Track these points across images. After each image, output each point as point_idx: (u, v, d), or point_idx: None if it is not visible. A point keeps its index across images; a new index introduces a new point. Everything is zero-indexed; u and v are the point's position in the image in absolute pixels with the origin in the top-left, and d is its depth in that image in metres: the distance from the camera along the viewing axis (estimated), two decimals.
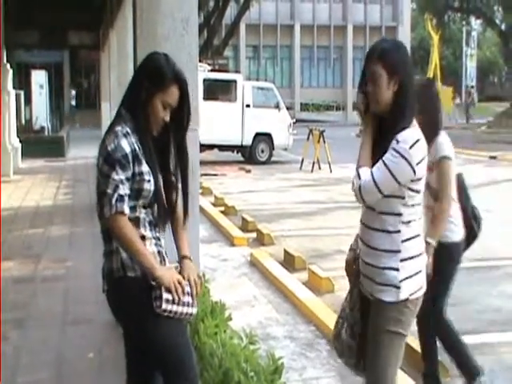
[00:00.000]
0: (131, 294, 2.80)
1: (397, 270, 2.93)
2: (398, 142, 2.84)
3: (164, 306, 2.73)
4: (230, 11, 35.24)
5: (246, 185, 14.71)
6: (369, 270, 3.02)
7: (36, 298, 6.08)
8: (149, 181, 2.80)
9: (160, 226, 2.92)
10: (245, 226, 9.69)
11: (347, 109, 42.87)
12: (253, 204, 12.23)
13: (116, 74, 11.11)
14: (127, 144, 2.75)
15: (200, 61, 20.82)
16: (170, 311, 2.76)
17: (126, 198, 2.74)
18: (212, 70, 20.72)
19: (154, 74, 2.81)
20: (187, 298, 2.81)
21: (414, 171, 2.85)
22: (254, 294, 6.48)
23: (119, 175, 2.73)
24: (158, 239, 2.90)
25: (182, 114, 2.90)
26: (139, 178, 2.78)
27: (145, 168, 2.79)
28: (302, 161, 17.80)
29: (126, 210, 2.73)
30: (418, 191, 2.93)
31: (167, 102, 2.81)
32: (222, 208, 11.30)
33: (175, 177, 2.95)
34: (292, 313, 5.88)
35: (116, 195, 2.72)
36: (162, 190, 2.91)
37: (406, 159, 2.82)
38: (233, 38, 37.49)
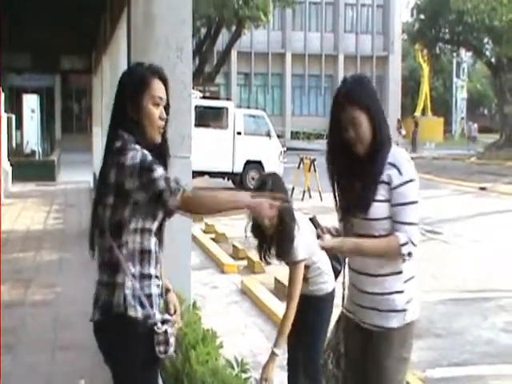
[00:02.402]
0: (128, 334, 2.68)
1: (402, 292, 2.91)
2: (400, 173, 2.86)
3: (170, 351, 2.66)
4: (222, 39, 35.55)
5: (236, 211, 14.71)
6: (369, 300, 2.95)
7: (26, 323, 6.04)
8: (159, 173, 2.61)
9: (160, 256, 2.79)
10: (235, 254, 9.68)
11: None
12: (244, 231, 12.21)
13: (108, 99, 11.14)
14: (145, 152, 2.62)
15: (192, 88, 20.98)
16: (169, 354, 2.70)
17: (178, 181, 2.60)
18: (203, 97, 20.82)
19: (133, 80, 2.70)
20: (172, 340, 2.69)
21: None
22: (244, 322, 6.47)
23: (160, 171, 2.58)
24: (159, 278, 2.77)
25: (166, 109, 2.76)
26: (146, 178, 2.60)
27: (159, 168, 2.63)
28: (293, 189, 17.82)
29: (185, 188, 2.60)
30: None
31: (157, 96, 2.69)
32: (213, 235, 11.29)
33: None
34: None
35: (171, 183, 2.56)
36: None
37: (413, 180, 2.88)
38: (224, 66, 37.78)
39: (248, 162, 19.53)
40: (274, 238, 3.77)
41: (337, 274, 4.04)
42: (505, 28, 30.41)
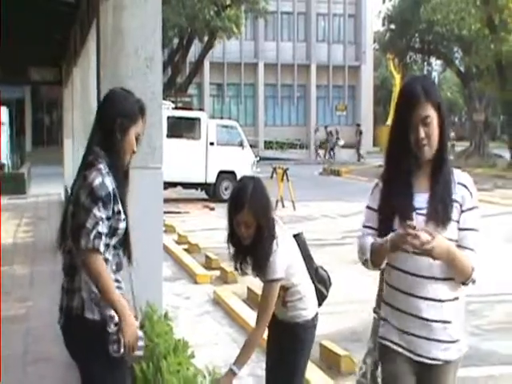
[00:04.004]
0: (86, 335, 2.85)
1: (457, 320, 2.78)
2: (472, 196, 2.74)
3: (122, 350, 2.80)
4: (194, 49, 35.61)
5: (209, 222, 14.69)
6: (429, 329, 2.71)
7: None
8: (124, 219, 2.88)
9: (126, 265, 2.99)
10: (208, 264, 9.68)
11: (310, 147, 43.26)
12: (216, 242, 12.18)
13: (79, 112, 11.10)
14: (110, 182, 2.83)
15: (164, 98, 20.92)
16: (124, 355, 2.83)
17: (103, 238, 2.78)
18: (176, 108, 20.82)
19: (127, 110, 2.94)
20: (140, 342, 2.88)
21: None
22: (217, 331, 6.47)
23: (101, 213, 2.78)
24: (119, 282, 2.96)
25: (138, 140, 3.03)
26: (117, 216, 2.86)
27: (120, 206, 2.86)
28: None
29: (102, 249, 2.77)
30: None
31: (139, 133, 2.99)
32: (186, 246, 11.28)
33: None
34: (255, 351, 5.86)
35: (95, 232, 2.75)
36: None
37: (478, 207, 2.78)
38: (197, 76, 37.79)
39: (221, 173, 19.54)
40: (250, 249, 3.51)
41: (322, 299, 3.82)
42: (473, 37, 30.86)
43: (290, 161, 34.45)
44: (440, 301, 2.70)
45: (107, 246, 2.85)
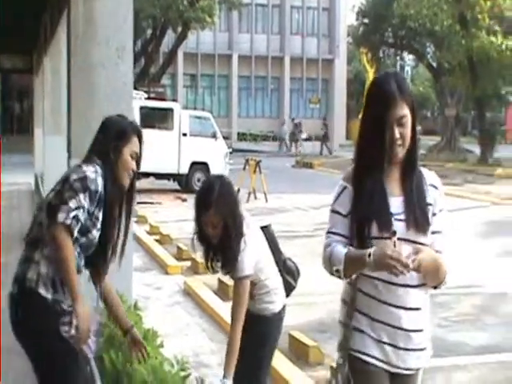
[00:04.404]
0: (37, 311, 2.87)
1: (427, 326, 2.71)
2: (435, 187, 2.68)
3: (73, 332, 2.83)
4: (168, 40, 35.43)
5: (181, 213, 14.68)
6: (407, 339, 2.62)
7: None
8: (98, 230, 2.95)
9: (98, 278, 3.12)
10: (179, 255, 9.69)
11: (294, 139, 43.34)
12: (188, 233, 12.17)
13: (50, 101, 11.00)
14: (100, 185, 2.92)
15: (137, 88, 20.80)
16: (75, 339, 2.85)
17: (79, 226, 2.81)
18: (149, 98, 20.71)
19: (119, 133, 3.10)
20: (91, 343, 2.96)
21: None
22: (187, 322, 6.49)
23: (85, 202, 2.86)
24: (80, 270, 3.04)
25: (138, 161, 3.16)
26: (94, 220, 2.94)
27: (101, 216, 2.95)
28: (238, 190, 17.82)
29: (75, 234, 2.80)
30: None
31: (134, 151, 3.10)
32: (157, 236, 11.26)
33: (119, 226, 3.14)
34: (225, 341, 5.89)
35: (75, 213, 2.81)
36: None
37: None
38: (170, 67, 37.64)
39: (194, 164, 19.51)
40: (219, 248, 3.54)
41: (290, 290, 3.86)
42: (445, 33, 31.12)
43: (263, 153, 34.50)
44: (417, 309, 2.62)
45: (76, 239, 2.87)
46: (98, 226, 2.96)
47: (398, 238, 2.45)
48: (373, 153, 2.56)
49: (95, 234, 2.95)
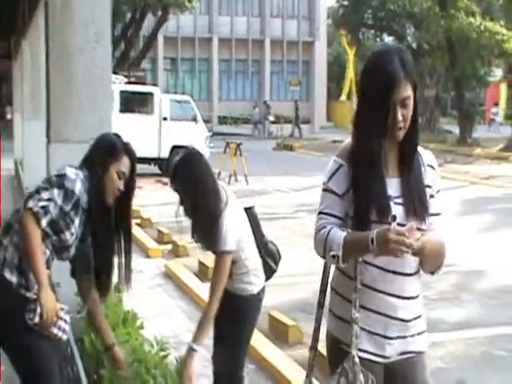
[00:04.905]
0: (1, 291, 2.94)
1: (423, 311, 2.62)
2: (433, 167, 2.59)
3: (37, 320, 2.86)
4: (148, 24, 35.18)
5: (162, 197, 14.72)
6: (403, 328, 2.52)
7: None
8: (72, 234, 3.00)
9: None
10: (160, 238, 9.74)
11: (264, 122, 43.33)
12: (169, 216, 12.23)
13: (29, 86, 10.96)
14: (79, 189, 2.98)
15: (116, 73, 20.71)
16: (40, 326, 2.88)
17: (48, 217, 2.87)
18: (129, 83, 20.63)
19: (109, 148, 3.15)
20: (63, 324, 2.97)
21: None
22: (168, 304, 6.56)
23: (59, 197, 2.93)
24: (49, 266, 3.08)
25: (131, 184, 3.24)
26: (68, 222, 2.98)
27: (77, 222, 2.99)
28: (219, 173, 17.93)
29: (43, 224, 2.85)
30: None
31: (121, 171, 3.13)
32: (138, 220, 11.29)
33: (112, 250, 3.19)
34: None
35: (45, 203, 2.88)
36: (92, 257, 3.13)
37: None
38: (151, 51, 37.40)
39: (174, 148, 19.49)
40: (194, 221, 3.58)
41: (271, 273, 3.88)
42: (424, 14, 31.19)
43: (244, 136, 34.50)
44: (413, 298, 2.52)
45: (47, 235, 2.95)
46: (73, 230, 2.99)
47: (398, 224, 2.30)
48: (372, 134, 2.40)
49: (68, 237, 2.99)
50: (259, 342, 5.32)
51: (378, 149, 2.40)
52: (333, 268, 2.55)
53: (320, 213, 2.51)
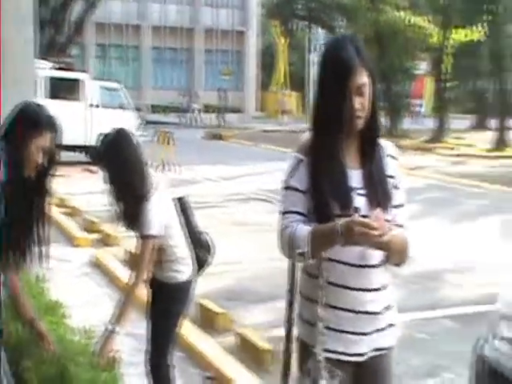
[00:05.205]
0: None
1: (394, 301, 2.59)
2: (395, 158, 2.55)
3: None
4: (77, 9, 34.46)
5: (90, 186, 14.47)
6: (372, 322, 2.46)
7: None
8: None
9: None
10: (89, 227, 9.61)
11: (190, 110, 43.15)
12: (97, 205, 12.08)
13: None
14: None
15: (45, 58, 20.23)
16: None
17: None
18: (58, 69, 20.19)
19: (30, 121, 2.98)
20: None
21: None
22: (95, 293, 6.50)
23: None
24: None
25: (52, 158, 3.04)
26: None
27: None
28: (149, 163, 17.78)
29: None
30: None
31: (43, 145, 2.96)
32: (66, 209, 11.11)
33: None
34: (134, 310, 5.95)
35: None
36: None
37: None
38: (80, 37, 36.66)
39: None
40: (118, 200, 3.58)
41: (203, 264, 3.88)
42: (353, 7, 31.63)
43: (175, 125, 34.28)
44: (380, 289, 2.47)
45: None
46: None
47: (361, 216, 2.27)
48: (330, 124, 2.35)
49: None
50: (188, 329, 5.33)
51: (337, 140, 2.36)
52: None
53: (284, 212, 2.45)
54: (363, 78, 2.34)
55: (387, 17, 27.79)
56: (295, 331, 2.46)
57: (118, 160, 3.51)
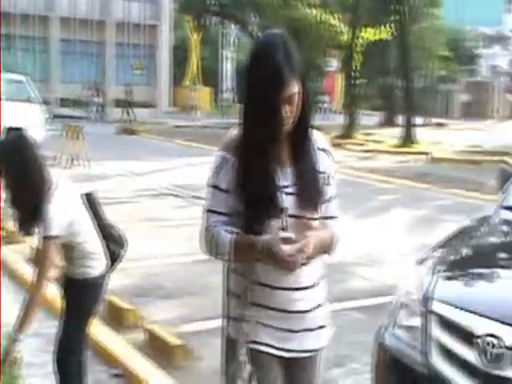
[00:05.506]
0: None
1: (326, 299, 2.57)
2: (326, 151, 2.50)
3: None
4: None
5: None
6: (302, 320, 2.46)
7: None
8: None
9: None
10: None
11: (107, 105, 42.42)
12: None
13: None
14: None
15: None
16: None
17: None
18: None
19: None
20: None
21: None
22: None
23: None
24: None
25: None
26: None
27: None
28: (60, 157, 17.40)
29: None
30: None
31: None
32: None
33: None
34: (40, 310, 5.80)
35: None
36: None
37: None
38: None
39: (8, 130, 18.58)
40: (13, 203, 3.50)
41: (116, 259, 3.86)
42: (266, 3, 31.81)
43: (85, 119, 33.62)
44: (311, 287, 2.45)
45: None
46: None
47: (290, 215, 2.29)
48: (258, 130, 2.29)
49: None
50: (96, 327, 5.23)
51: (265, 139, 2.29)
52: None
53: (208, 211, 2.42)
54: (294, 88, 2.28)
55: (299, 13, 28.12)
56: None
57: (17, 164, 3.42)
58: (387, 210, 12.27)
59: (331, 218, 2.49)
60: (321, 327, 2.51)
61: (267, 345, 2.42)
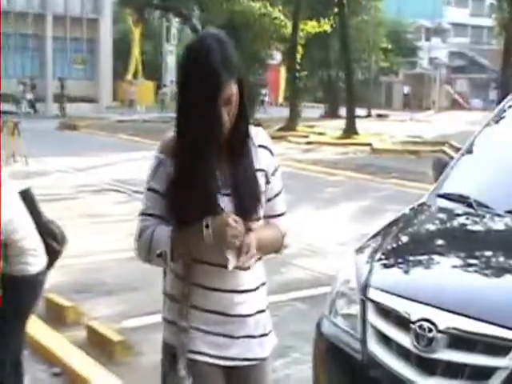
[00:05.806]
0: None
1: (267, 305, 2.51)
2: (273, 155, 2.44)
3: None
4: None
5: None
6: (243, 325, 2.38)
7: None
8: None
9: None
10: None
11: (47, 100, 41.65)
12: None
13: None
14: None
15: None
16: None
17: None
18: None
19: None
20: None
21: None
22: None
23: None
24: None
25: None
26: None
27: None
28: None
29: None
30: None
31: None
32: None
33: None
34: None
35: None
36: None
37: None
38: None
39: None
40: None
41: (55, 255, 3.76)
42: None
43: (25, 114, 32.95)
44: (253, 290, 2.39)
45: None
46: None
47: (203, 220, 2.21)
48: (195, 133, 2.22)
49: None
50: (35, 326, 5.14)
51: (202, 140, 2.22)
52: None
53: (143, 214, 2.36)
54: (231, 90, 2.22)
55: (242, 6, 28.09)
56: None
57: None
58: (330, 201, 12.39)
59: (278, 215, 2.45)
60: (264, 335, 2.44)
61: (203, 353, 2.34)
